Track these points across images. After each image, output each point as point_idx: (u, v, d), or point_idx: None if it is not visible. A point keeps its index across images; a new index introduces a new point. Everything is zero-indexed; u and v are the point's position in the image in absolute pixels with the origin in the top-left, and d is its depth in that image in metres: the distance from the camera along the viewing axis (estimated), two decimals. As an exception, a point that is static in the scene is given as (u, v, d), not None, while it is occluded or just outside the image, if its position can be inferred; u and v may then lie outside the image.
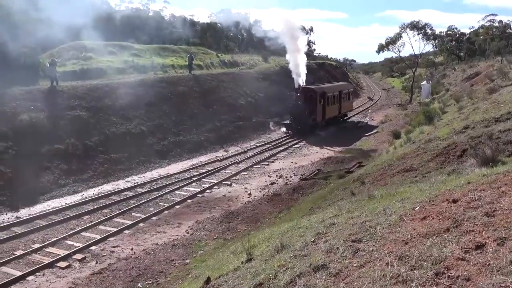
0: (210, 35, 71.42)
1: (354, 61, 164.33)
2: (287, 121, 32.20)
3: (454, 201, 4.96)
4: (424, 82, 49.47)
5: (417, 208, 5.30)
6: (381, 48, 58.79)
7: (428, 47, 59.59)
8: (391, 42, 57.06)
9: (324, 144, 28.76)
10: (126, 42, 41.18)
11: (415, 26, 55.33)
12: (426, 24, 55.50)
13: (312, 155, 25.96)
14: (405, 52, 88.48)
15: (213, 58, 44.75)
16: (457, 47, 74.95)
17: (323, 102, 32.48)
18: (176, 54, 41.49)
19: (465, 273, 3.28)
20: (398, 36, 56.43)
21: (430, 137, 15.04)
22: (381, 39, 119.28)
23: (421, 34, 55.67)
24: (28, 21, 24.54)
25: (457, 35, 74.35)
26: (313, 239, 5.76)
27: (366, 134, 31.73)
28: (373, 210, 6.10)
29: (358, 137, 30.95)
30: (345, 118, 40.10)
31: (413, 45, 75.34)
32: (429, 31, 55.94)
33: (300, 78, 32.82)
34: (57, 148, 19.93)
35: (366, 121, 38.89)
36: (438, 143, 12.72)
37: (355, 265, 4.05)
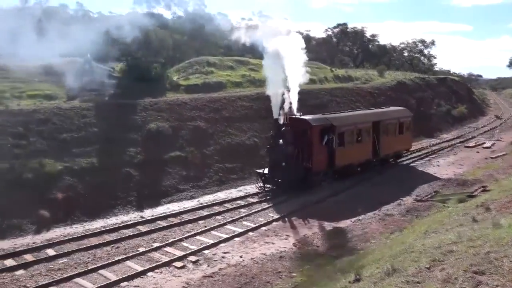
0: (325, 50, 71.52)
1: (480, 76, 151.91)
2: (264, 170, 20.53)
3: None
4: None
5: (553, 243, 4.75)
6: (513, 62, 53.67)
7: None
8: (526, 55, 51.74)
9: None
10: (243, 57, 43.11)
11: (556, 37, 49.54)
12: None
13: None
14: (543, 66, 79.33)
15: (327, 73, 44.66)
16: None
17: (328, 140, 20.83)
18: (290, 69, 42.37)
19: None
20: (535, 49, 51.02)
21: None
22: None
23: None
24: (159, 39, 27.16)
25: None
26: (428, 266, 5.48)
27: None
28: (499, 241, 5.60)
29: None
30: (397, 160, 27.11)
31: (553, 58, 67.27)
32: None
33: (284, 105, 20.11)
34: (178, 155, 21.64)
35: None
36: None
37: (476, 298, 3.76)
